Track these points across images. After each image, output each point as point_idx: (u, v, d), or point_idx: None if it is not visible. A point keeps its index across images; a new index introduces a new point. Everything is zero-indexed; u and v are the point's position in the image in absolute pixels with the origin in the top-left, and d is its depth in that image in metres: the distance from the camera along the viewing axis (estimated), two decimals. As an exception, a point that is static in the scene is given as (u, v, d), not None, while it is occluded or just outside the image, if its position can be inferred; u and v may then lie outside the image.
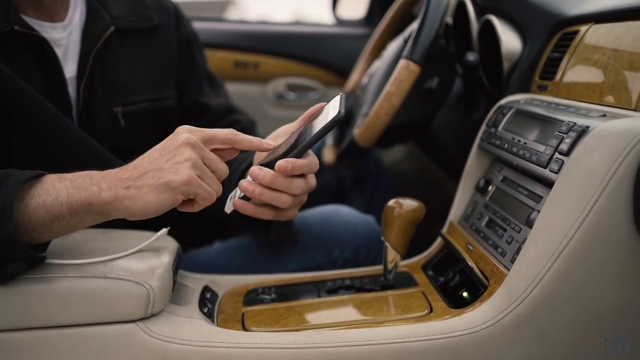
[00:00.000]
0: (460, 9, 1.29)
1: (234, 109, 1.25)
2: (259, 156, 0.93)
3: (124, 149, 1.02)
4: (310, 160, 0.81)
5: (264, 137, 1.02)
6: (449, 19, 1.33)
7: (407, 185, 1.90)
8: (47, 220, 0.68)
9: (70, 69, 0.95)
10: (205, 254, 1.11)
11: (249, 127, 1.22)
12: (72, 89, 0.95)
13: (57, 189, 0.69)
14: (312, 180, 0.86)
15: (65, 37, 0.95)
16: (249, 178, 0.80)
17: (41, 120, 0.87)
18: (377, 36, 1.58)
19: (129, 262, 0.76)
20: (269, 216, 0.86)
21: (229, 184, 0.92)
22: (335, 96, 0.80)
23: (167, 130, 1.12)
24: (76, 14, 0.98)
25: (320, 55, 2.01)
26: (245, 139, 0.77)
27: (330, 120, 0.76)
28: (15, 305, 0.70)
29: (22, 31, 0.87)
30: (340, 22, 2.27)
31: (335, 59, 2.00)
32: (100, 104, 0.98)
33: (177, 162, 0.71)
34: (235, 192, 0.85)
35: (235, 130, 0.77)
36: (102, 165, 0.92)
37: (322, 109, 0.82)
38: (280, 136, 0.90)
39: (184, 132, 0.74)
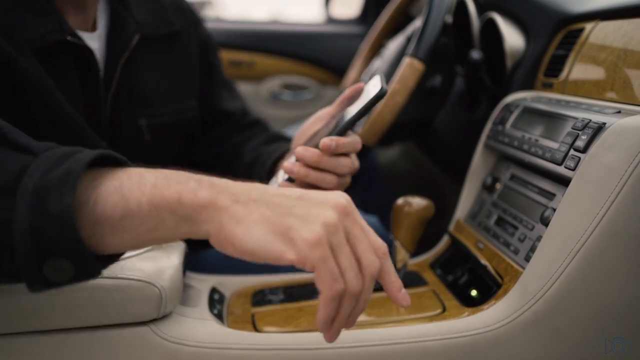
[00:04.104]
0: (460, 7, 1.29)
1: (247, 109, 1.20)
2: (297, 146, 0.90)
3: (147, 162, 0.97)
4: (354, 138, 0.80)
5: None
6: (449, 17, 1.33)
7: (403, 184, 1.90)
8: (117, 210, 0.50)
9: None
10: (208, 255, 1.09)
11: (265, 127, 1.18)
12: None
13: (141, 176, 0.53)
14: (356, 162, 0.84)
15: (98, 47, 0.90)
16: (292, 159, 0.77)
17: (72, 138, 0.79)
18: (374, 35, 1.58)
19: (138, 262, 0.74)
20: None
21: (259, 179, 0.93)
22: (373, 76, 0.81)
23: (188, 141, 1.09)
24: (102, 20, 0.92)
25: (315, 53, 2.00)
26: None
27: (373, 96, 0.76)
28: (22, 308, 0.68)
29: (73, 42, 0.81)
30: (332, 21, 2.27)
31: (330, 58, 1.99)
32: (125, 116, 0.93)
33: (311, 214, 0.51)
34: (277, 177, 0.83)
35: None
36: None
37: (360, 90, 0.82)
38: (318, 121, 0.88)
39: (340, 197, 0.54)
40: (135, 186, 0.51)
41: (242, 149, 1.10)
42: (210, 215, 0.51)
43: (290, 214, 0.51)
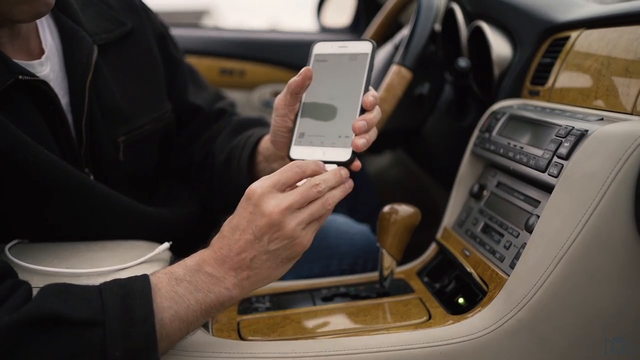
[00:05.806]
0: (449, 15, 1.30)
1: (217, 97, 1.16)
2: (280, 143, 0.85)
3: (133, 176, 0.96)
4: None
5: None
6: (438, 26, 1.34)
7: (393, 191, 1.90)
8: (183, 329, 0.67)
9: (63, 105, 0.83)
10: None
11: (232, 111, 1.15)
12: (72, 127, 0.85)
13: (181, 296, 0.66)
14: None
15: (50, 71, 0.83)
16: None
17: (60, 183, 0.78)
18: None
19: (123, 272, 0.74)
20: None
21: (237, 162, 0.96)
22: (314, 44, 0.82)
23: (166, 147, 1.05)
24: (48, 38, 0.85)
25: (305, 62, 1.99)
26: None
27: (372, 49, 0.76)
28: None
29: (26, 80, 0.75)
30: (324, 30, 2.27)
31: (321, 66, 1.99)
32: (104, 137, 0.88)
33: (285, 241, 0.68)
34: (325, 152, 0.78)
35: (300, 164, 0.71)
36: (122, 214, 0.86)
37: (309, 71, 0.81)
38: (283, 115, 0.82)
39: (263, 205, 0.67)
40: (186, 308, 0.66)
41: (212, 147, 1.06)
42: (242, 295, 0.71)
43: (274, 256, 0.69)
